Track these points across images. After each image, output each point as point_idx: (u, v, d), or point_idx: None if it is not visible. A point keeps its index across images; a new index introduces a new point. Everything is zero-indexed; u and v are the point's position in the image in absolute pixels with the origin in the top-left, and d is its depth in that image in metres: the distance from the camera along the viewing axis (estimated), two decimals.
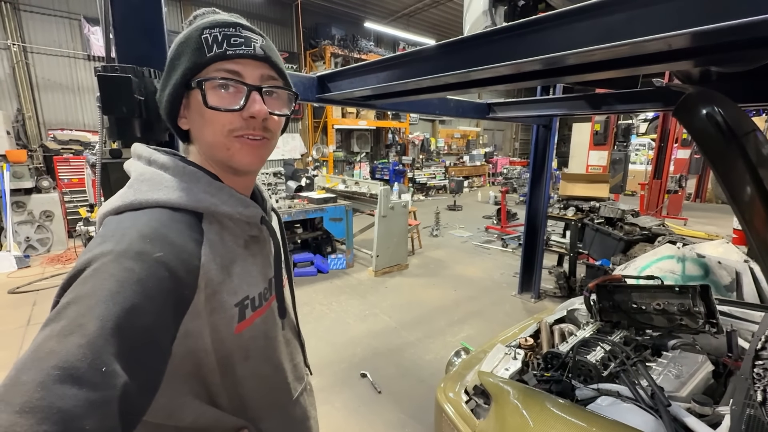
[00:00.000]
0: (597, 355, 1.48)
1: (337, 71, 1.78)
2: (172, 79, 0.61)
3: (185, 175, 0.59)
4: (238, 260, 0.62)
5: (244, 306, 0.61)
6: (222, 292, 0.57)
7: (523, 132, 18.54)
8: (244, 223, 0.65)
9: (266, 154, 0.66)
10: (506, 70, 1.10)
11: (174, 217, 0.55)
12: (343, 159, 10.55)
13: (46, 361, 0.37)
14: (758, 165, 0.86)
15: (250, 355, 0.64)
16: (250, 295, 0.63)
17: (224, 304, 0.58)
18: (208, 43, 0.58)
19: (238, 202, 0.63)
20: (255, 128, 0.61)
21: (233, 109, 0.59)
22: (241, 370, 0.63)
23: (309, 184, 5.62)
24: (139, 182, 0.58)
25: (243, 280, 0.62)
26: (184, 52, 0.60)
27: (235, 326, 0.60)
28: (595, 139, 7.72)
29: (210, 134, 0.61)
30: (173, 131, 0.66)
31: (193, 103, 0.61)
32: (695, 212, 8.75)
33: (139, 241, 0.48)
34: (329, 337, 3.29)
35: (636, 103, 2.12)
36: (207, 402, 0.60)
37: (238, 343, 0.61)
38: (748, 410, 1.12)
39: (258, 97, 0.60)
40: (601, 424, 1.13)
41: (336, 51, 9.18)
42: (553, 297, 4.10)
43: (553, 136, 3.83)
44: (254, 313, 0.64)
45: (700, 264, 2.40)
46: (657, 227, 4.00)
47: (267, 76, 0.63)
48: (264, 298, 0.67)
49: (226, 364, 0.60)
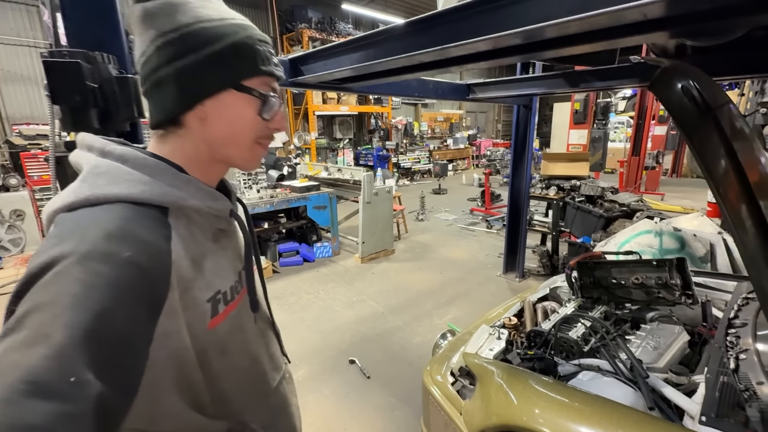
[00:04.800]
0: (578, 331, 1.50)
1: (309, 53, 1.72)
2: (213, 71, 0.57)
3: (147, 168, 0.55)
4: (208, 254, 0.60)
5: (217, 301, 0.60)
6: (194, 288, 0.56)
7: (505, 113, 18.58)
8: (213, 217, 0.62)
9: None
10: (482, 45, 1.07)
11: (139, 213, 0.51)
12: (326, 146, 10.39)
13: (10, 375, 0.34)
14: (732, 138, 0.86)
15: (227, 350, 0.63)
16: (222, 290, 0.61)
17: (196, 300, 0.56)
18: (260, 55, 0.60)
19: (207, 195, 0.60)
20: (270, 136, 0.66)
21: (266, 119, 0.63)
22: (218, 365, 0.62)
23: (291, 172, 5.52)
24: (94, 176, 0.53)
25: (214, 274, 0.60)
26: (239, 53, 0.58)
27: (209, 322, 0.58)
28: (575, 118, 7.79)
29: (241, 137, 0.62)
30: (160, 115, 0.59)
31: (228, 103, 0.59)
32: (672, 187, 9.00)
33: (104, 241, 0.45)
34: (317, 325, 3.28)
35: (614, 80, 2.12)
36: (191, 402, 0.59)
37: (212, 339, 0.60)
38: (722, 377, 1.16)
39: (281, 112, 0.65)
40: (582, 399, 1.15)
41: (313, 34, 8.93)
42: (537, 275, 4.18)
43: (533, 116, 3.83)
44: (227, 307, 0.63)
45: (676, 237, 2.46)
46: (635, 203, 4.08)
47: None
48: (236, 292, 0.66)
49: (203, 360, 0.59)
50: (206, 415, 0.61)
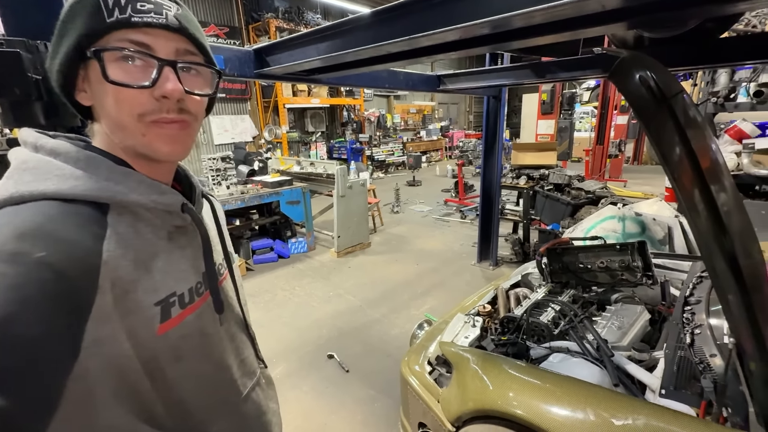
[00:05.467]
0: (548, 316, 1.55)
1: (274, 43, 1.66)
2: (63, 46, 0.52)
3: (80, 161, 0.51)
4: (161, 254, 0.56)
5: (169, 304, 0.56)
6: (137, 290, 0.52)
7: (476, 105, 18.84)
8: (165, 213, 0.58)
9: (189, 140, 0.59)
10: (451, 35, 1.07)
11: (66, 210, 0.47)
12: (298, 140, 10.20)
13: None
14: (685, 126, 0.90)
15: (182, 356, 0.59)
16: (177, 292, 0.57)
17: (140, 304, 0.52)
18: (107, 5, 0.49)
19: (151, 188, 0.56)
20: (170, 110, 0.54)
21: (143, 86, 0.51)
22: (173, 373, 0.58)
23: (262, 167, 5.38)
24: (20, 171, 0.49)
25: (167, 275, 0.56)
26: (78, 14, 0.50)
27: (158, 327, 0.54)
28: (543, 109, 8.00)
29: (117, 115, 0.52)
30: (71, 107, 0.57)
31: (93, 76, 0.52)
32: (633, 174, 9.45)
33: (14, 241, 0.41)
34: (294, 322, 3.24)
35: (578, 71, 2.18)
36: (141, 414, 0.54)
37: (164, 345, 0.56)
38: (679, 352, 1.23)
39: (172, 74, 0.53)
40: (553, 380, 1.19)
41: (281, 24, 8.67)
42: (510, 263, 4.30)
43: (503, 107, 3.90)
44: (184, 311, 0.58)
45: (637, 222, 2.59)
46: (600, 190, 4.26)
47: (183, 50, 0.55)
48: (197, 293, 0.62)
49: (153, 368, 0.55)
50: (162, 428, 0.57)
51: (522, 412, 1.13)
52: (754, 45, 1.66)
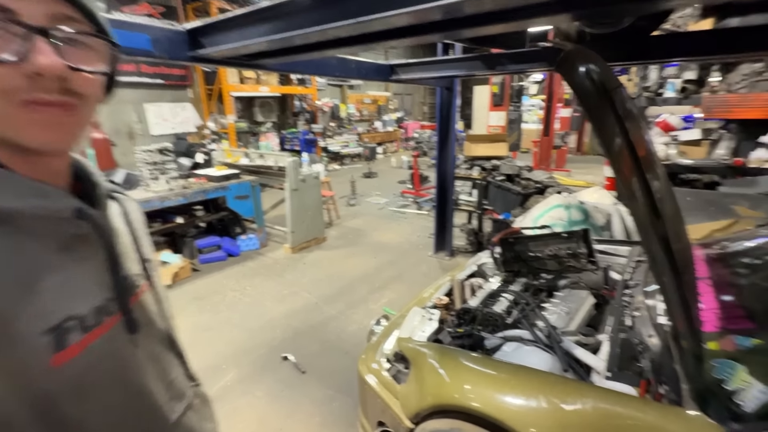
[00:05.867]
0: (502, 305, 1.58)
1: (210, 23, 1.51)
2: None
3: None
4: (51, 271, 0.46)
5: (64, 330, 0.46)
6: (17, 319, 0.42)
7: (430, 96, 19.06)
8: (55, 220, 0.48)
9: (75, 127, 0.48)
10: (401, 20, 1.02)
11: None
12: (247, 130, 9.69)
13: None
14: (624, 117, 0.92)
15: (88, 391, 0.49)
16: (76, 314, 0.47)
17: (23, 334, 0.42)
18: None
19: (29, 191, 0.45)
20: (49, 90, 0.43)
21: (4, 60, 0.40)
22: (76, 412, 0.48)
23: (207, 160, 5.03)
24: None
25: (60, 296, 0.46)
26: None
27: (51, 358, 0.44)
28: (494, 101, 8.27)
29: None
30: None
31: None
32: (577, 164, 10.07)
33: None
34: (245, 323, 3.08)
35: (526, 63, 2.23)
36: None
37: (59, 380, 0.46)
38: (621, 334, 1.29)
39: (44, 45, 0.42)
40: (507, 370, 1.21)
41: (223, 5, 8.08)
42: (465, 253, 4.40)
43: (455, 98, 3.94)
44: (87, 336, 0.48)
45: (581, 210, 2.73)
46: (547, 180, 4.48)
47: (61, 16, 0.44)
48: (106, 313, 0.52)
49: (48, 407, 0.45)
50: None
51: (478, 405, 1.14)
52: (678, 44, 1.78)
